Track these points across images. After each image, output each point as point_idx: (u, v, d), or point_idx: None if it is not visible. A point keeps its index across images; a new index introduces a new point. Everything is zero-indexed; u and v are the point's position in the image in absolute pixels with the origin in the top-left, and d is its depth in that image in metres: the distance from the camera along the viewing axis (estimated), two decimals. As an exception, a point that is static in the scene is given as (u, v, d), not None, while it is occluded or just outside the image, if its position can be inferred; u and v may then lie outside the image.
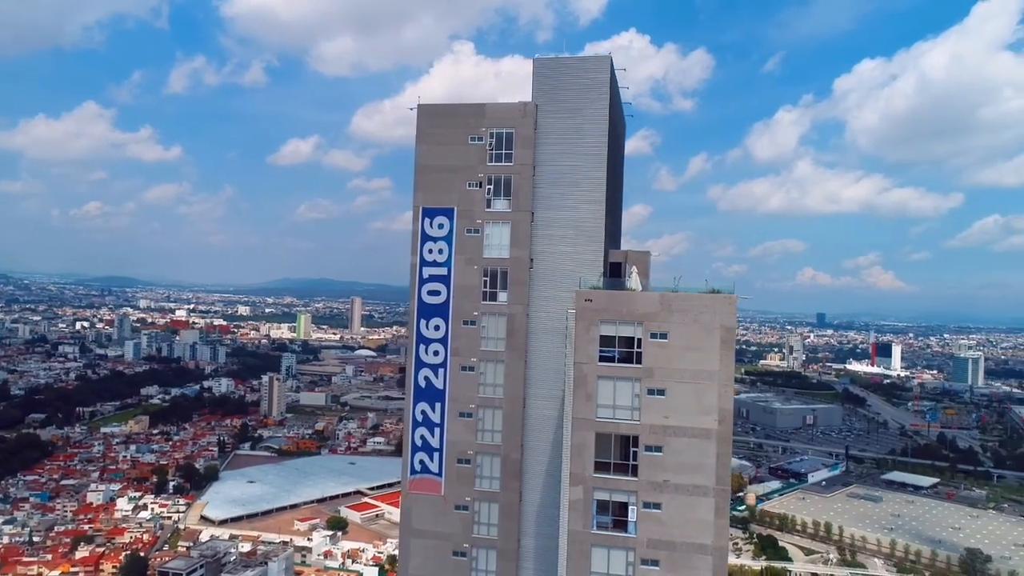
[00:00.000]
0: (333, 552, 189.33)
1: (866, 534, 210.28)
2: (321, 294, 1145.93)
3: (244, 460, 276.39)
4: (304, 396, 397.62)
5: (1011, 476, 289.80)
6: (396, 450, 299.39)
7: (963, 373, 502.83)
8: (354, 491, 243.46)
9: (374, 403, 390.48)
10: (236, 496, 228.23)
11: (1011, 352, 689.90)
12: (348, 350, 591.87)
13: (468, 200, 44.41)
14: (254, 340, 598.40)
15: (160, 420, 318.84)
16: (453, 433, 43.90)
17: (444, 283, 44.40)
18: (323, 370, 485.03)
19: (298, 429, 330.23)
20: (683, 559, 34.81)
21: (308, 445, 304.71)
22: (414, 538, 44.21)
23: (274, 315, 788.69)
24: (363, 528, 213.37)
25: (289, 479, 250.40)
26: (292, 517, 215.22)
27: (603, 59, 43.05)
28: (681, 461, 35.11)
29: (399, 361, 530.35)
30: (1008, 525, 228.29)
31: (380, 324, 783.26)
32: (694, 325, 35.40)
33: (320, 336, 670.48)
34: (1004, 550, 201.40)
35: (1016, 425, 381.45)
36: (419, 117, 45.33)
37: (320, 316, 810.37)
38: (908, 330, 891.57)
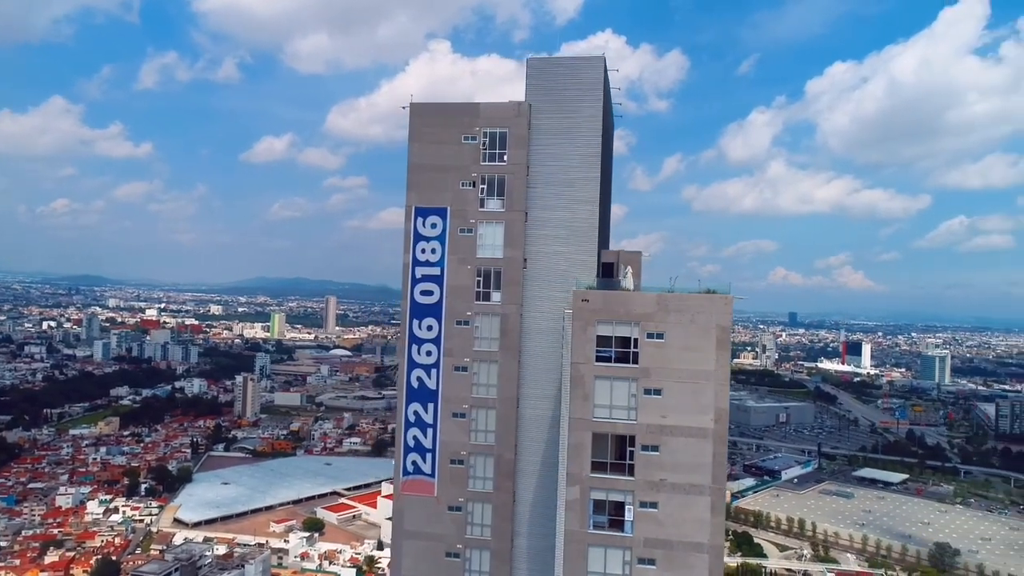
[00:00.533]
0: (310, 554, 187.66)
1: (839, 530, 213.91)
2: (295, 293, 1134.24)
3: (218, 461, 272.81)
4: (279, 396, 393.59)
5: (977, 472, 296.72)
6: (373, 450, 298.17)
7: (930, 371, 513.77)
8: (330, 492, 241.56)
9: (350, 403, 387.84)
10: (210, 498, 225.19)
11: (976, 351, 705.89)
12: (323, 350, 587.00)
13: (461, 200, 44.24)
14: (227, 340, 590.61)
15: (131, 421, 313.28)
16: (446, 434, 43.67)
17: (437, 283, 44.17)
18: (298, 370, 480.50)
19: (273, 430, 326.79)
20: (680, 558, 35.05)
21: (283, 446, 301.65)
22: (406, 539, 43.89)
23: (247, 314, 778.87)
24: (340, 529, 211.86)
25: (264, 480, 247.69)
26: (268, 519, 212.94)
27: (597, 59, 43.15)
28: (678, 460, 35.36)
29: (374, 361, 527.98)
30: (975, 520, 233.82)
31: (355, 323, 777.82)
32: (690, 325, 35.66)
33: (294, 336, 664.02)
34: (971, 544, 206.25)
35: (981, 422, 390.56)
36: (412, 116, 45.05)
37: (294, 315, 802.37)
38: (877, 329, 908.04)
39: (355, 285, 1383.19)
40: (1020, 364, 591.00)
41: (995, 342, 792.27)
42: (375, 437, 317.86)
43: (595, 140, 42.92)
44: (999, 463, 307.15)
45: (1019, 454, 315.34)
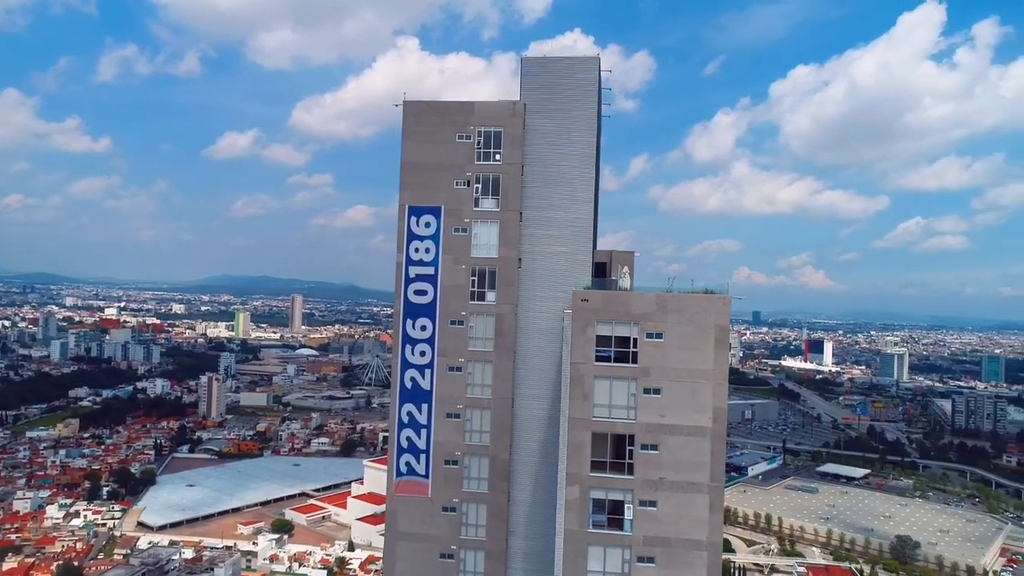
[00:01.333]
0: (279, 556, 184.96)
1: (804, 524, 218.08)
2: (260, 292, 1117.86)
3: (183, 463, 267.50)
4: (244, 396, 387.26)
5: (935, 466, 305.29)
6: (341, 451, 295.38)
7: (889, 368, 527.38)
8: (299, 493, 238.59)
9: (318, 403, 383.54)
10: (175, 501, 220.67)
11: (932, 348, 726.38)
12: (289, 349, 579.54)
13: (456, 199, 43.96)
14: (190, 339, 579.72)
15: (91, 423, 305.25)
16: (440, 434, 43.35)
17: (431, 282, 43.81)
18: (263, 370, 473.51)
19: (239, 430, 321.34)
20: (679, 555, 35.39)
21: (250, 447, 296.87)
22: (400, 541, 43.48)
23: (211, 313, 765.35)
24: (310, 530, 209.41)
25: (231, 482, 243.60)
26: (235, 521, 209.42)
27: (592, 60, 43.28)
28: (677, 459, 35.69)
29: (342, 360, 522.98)
30: (933, 513, 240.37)
31: (322, 322, 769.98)
32: (689, 325, 36.02)
33: (259, 335, 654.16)
34: (931, 536, 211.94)
35: (938, 417, 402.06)
36: (405, 114, 44.62)
37: (259, 314, 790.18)
38: (838, 327, 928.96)
39: (321, 284, 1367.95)
40: (973, 361, 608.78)
41: (949, 340, 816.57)
42: (344, 437, 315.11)
43: (590, 140, 43.08)
44: (955, 457, 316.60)
45: (974, 449, 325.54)
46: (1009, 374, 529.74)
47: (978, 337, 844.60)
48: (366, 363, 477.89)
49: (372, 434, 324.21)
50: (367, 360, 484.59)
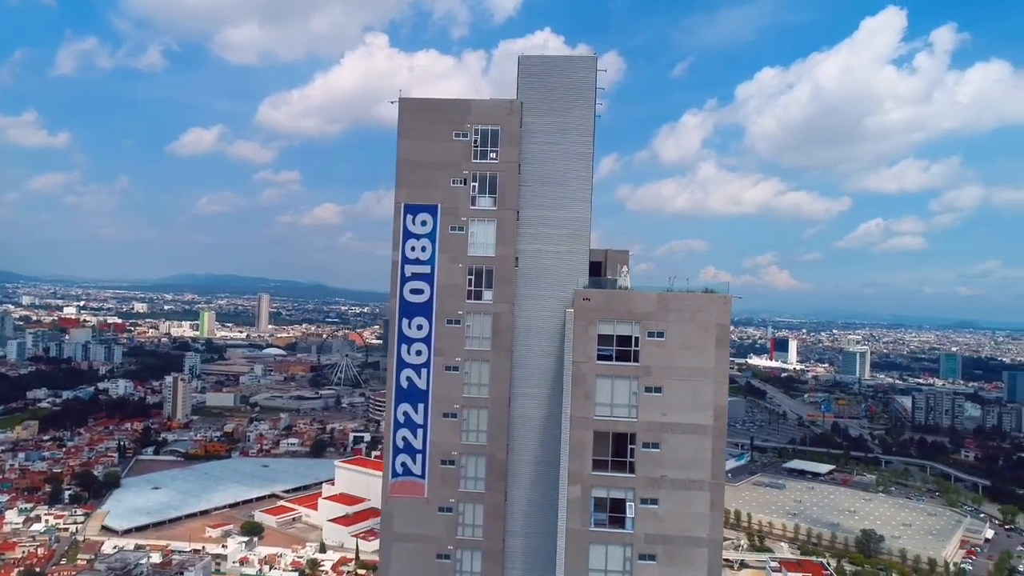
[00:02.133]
0: (250, 559, 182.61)
1: (772, 520, 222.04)
2: (225, 291, 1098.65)
3: (148, 465, 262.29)
4: (211, 397, 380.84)
5: (897, 461, 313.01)
6: (311, 451, 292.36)
7: (852, 366, 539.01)
8: (269, 495, 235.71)
9: (286, 403, 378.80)
10: (140, 504, 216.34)
11: (892, 347, 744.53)
12: (256, 349, 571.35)
13: (452, 197, 43.60)
14: (153, 339, 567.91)
15: (51, 425, 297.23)
16: (437, 434, 42.99)
17: (427, 281, 43.41)
18: (230, 370, 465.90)
19: (205, 431, 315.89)
20: (680, 553, 35.69)
21: (217, 448, 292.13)
22: (396, 542, 43.06)
23: (174, 312, 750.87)
24: (280, 532, 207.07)
25: (198, 484, 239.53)
26: (203, 524, 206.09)
27: (589, 60, 43.35)
28: (678, 457, 35.99)
29: (310, 360, 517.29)
30: (896, 507, 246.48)
31: (289, 321, 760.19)
32: (690, 324, 36.34)
33: (225, 334, 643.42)
34: (894, 530, 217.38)
35: (899, 414, 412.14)
36: (401, 111, 44.14)
37: (224, 313, 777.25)
38: (802, 326, 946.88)
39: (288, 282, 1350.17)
40: (932, 359, 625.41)
41: (908, 338, 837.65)
42: (313, 438, 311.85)
43: (588, 139, 43.08)
44: (916, 453, 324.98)
45: (933, 444, 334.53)
46: (966, 371, 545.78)
47: (936, 335, 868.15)
48: (335, 363, 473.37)
49: (342, 434, 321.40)
50: (336, 360, 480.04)
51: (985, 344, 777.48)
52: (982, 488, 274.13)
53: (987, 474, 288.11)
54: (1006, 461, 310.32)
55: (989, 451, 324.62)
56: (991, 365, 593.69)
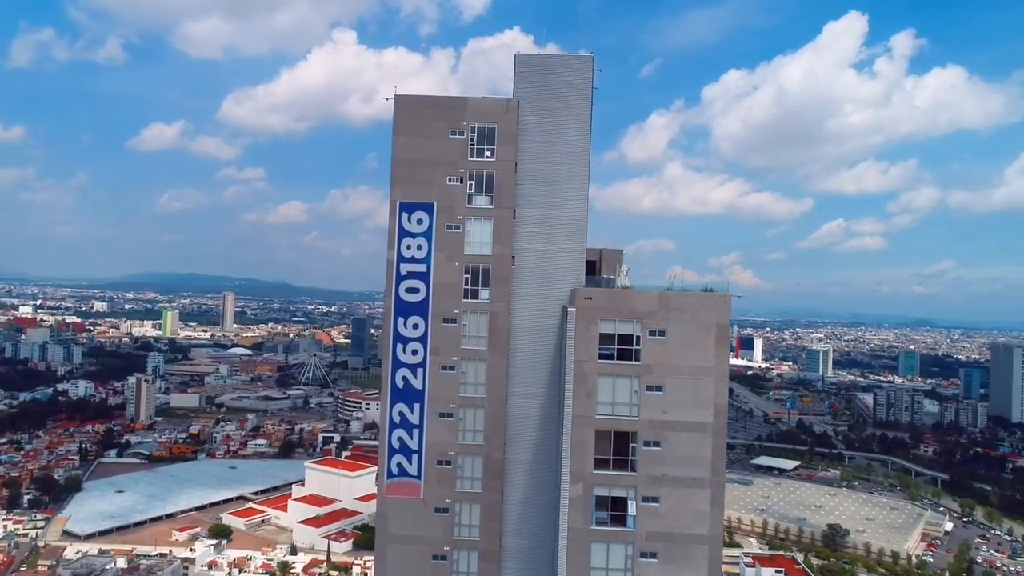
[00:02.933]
0: (218, 562, 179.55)
1: (741, 515, 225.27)
2: (187, 289, 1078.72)
3: (111, 468, 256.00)
4: (175, 398, 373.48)
5: (859, 457, 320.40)
6: (280, 452, 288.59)
7: (815, 364, 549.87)
8: (237, 496, 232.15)
9: (253, 403, 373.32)
10: (103, 508, 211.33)
11: (853, 345, 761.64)
12: (221, 348, 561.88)
13: (448, 195, 43.24)
14: (114, 338, 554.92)
15: (8, 427, 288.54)
16: (433, 434, 42.58)
17: (423, 280, 42.98)
18: (194, 370, 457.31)
19: (170, 433, 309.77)
20: (681, 550, 35.93)
21: (182, 450, 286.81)
22: (391, 544, 42.53)
23: (136, 311, 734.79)
24: (249, 535, 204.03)
25: (163, 487, 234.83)
26: (169, 527, 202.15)
27: (586, 59, 43.34)
28: (679, 455, 36.22)
29: (277, 359, 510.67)
30: (860, 502, 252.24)
31: (254, 321, 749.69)
32: (691, 323, 36.62)
33: (189, 334, 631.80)
34: (858, 524, 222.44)
35: (861, 410, 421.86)
36: (396, 108, 43.59)
37: (188, 313, 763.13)
38: (766, 325, 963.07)
39: (253, 281, 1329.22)
40: (891, 356, 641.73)
41: (868, 336, 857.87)
42: (282, 439, 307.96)
43: (584, 138, 43.08)
44: (878, 448, 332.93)
45: (894, 440, 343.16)
46: (924, 368, 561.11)
47: (894, 334, 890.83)
48: (302, 362, 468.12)
49: (311, 435, 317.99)
50: (303, 359, 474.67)
51: (941, 342, 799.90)
52: (941, 482, 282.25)
53: (946, 468, 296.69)
54: (963, 456, 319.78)
55: (947, 446, 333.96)
56: (947, 362, 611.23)
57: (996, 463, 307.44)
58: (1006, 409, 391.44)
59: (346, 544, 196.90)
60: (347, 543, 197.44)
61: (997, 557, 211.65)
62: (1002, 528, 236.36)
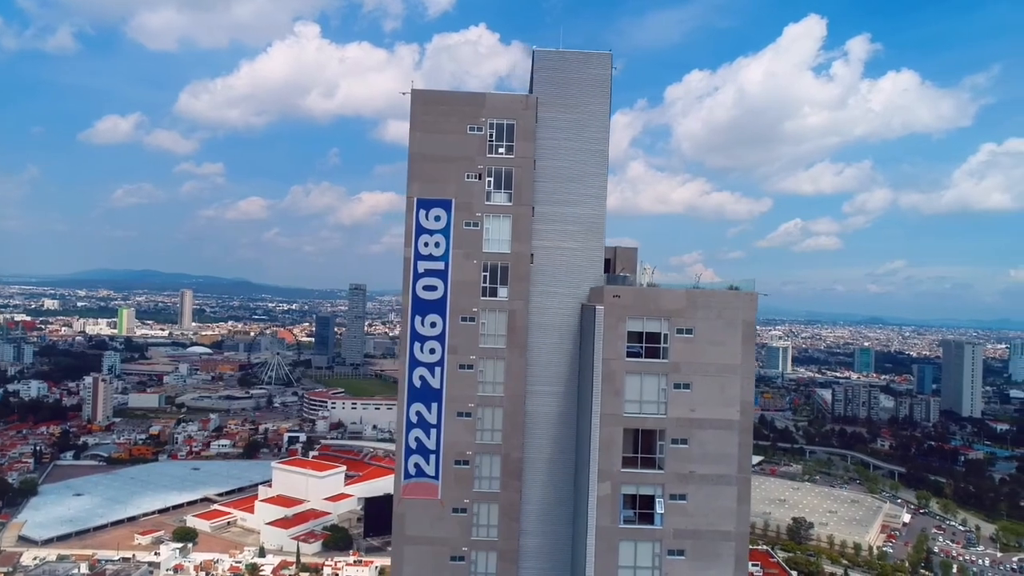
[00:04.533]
0: (184, 566, 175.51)
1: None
2: (143, 287, 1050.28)
3: (67, 471, 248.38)
4: (134, 398, 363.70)
5: (820, 451, 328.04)
6: (244, 453, 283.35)
7: (775, 361, 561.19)
8: (201, 498, 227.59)
9: (215, 403, 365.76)
10: (61, 512, 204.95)
11: (810, 342, 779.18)
12: (180, 347, 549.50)
13: (467, 192, 42.66)
14: (66, 337, 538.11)
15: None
16: (450, 434, 42.02)
17: (441, 278, 42.33)
18: (152, 369, 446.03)
19: (129, 434, 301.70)
20: (708, 547, 36.11)
21: (143, 451, 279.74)
22: (408, 546, 41.84)
23: (89, 309, 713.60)
24: (215, 537, 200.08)
25: (124, 490, 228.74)
26: (131, 531, 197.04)
27: (604, 56, 43.15)
28: (706, 452, 36.38)
29: (238, 358, 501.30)
30: (822, 495, 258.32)
31: (213, 319, 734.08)
32: (718, 320, 36.79)
33: (146, 332, 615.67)
34: (821, 517, 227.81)
35: (820, 406, 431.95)
36: (413, 103, 42.80)
37: (144, 310, 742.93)
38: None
39: (211, 278, 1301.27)
40: (847, 353, 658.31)
41: (824, 334, 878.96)
42: (246, 439, 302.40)
43: (604, 136, 42.95)
44: (837, 443, 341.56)
45: (853, 434, 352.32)
46: (878, 365, 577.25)
47: (849, 331, 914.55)
48: (265, 361, 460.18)
49: (276, 435, 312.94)
50: (266, 358, 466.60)
51: (894, 339, 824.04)
52: (898, 475, 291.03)
53: (902, 462, 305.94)
54: (918, 449, 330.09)
55: (903, 440, 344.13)
56: (900, 359, 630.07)
57: (949, 456, 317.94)
58: (957, 404, 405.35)
59: (315, 545, 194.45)
60: (316, 544, 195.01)
61: (953, 547, 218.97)
62: (956, 519, 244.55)
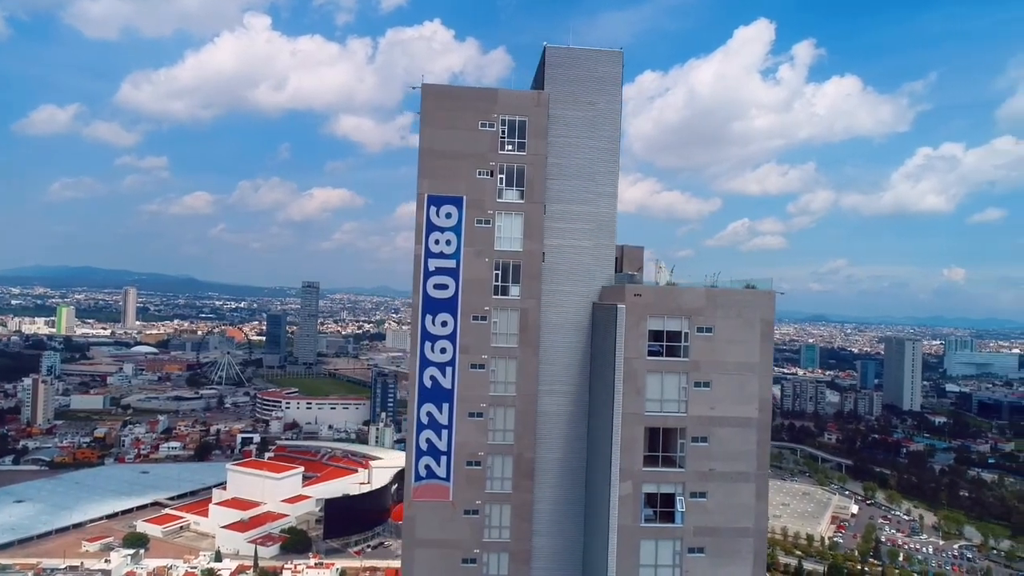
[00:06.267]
0: (137, 572, 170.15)
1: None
2: (83, 284, 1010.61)
3: (7, 477, 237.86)
4: (76, 400, 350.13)
5: (770, 445, 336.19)
6: (195, 455, 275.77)
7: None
8: (151, 503, 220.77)
9: (163, 404, 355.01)
10: (1, 520, 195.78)
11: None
12: (123, 347, 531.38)
13: (478, 189, 41.95)
14: (1, 337, 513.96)
15: None
16: (462, 435, 41.25)
17: (452, 276, 41.52)
18: (95, 369, 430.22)
19: (73, 437, 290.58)
20: (727, 544, 36.41)
21: (87, 455, 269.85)
22: (419, 549, 40.97)
23: (24, 308, 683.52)
24: (167, 542, 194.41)
25: (69, 495, 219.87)
26: (78, 538, 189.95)
27: (616, 54, 43.04)
28: (725, 450, 36.67)
29: (185, 358, 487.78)
30: (774, 489, 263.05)
31: (158, 317, 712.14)
32: (737, 319, 37.10)
33: (87, 332, 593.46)
34: (775, 510, 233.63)
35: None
36: (424, 98, 41.88)
37: (84, 309, 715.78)
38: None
39: (155, 276, 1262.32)
40: (792, 350, 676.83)
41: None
42: (197, 440, 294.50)
43: (615, 134, 42.87)
44: (787, 436, 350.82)
45: (801, 428, 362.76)
46: (822, 361, 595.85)
47: (794, 328, 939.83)
48: (214, 360, 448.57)
49: (229, 436, 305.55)
50: (215, 357, 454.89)
51: (836, 336, 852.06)
52: (845, 467, 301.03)
53: (848, 455, 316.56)
54: (863, 442, 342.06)
55: (848, 433, 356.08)
56: (842, 355, 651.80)
57: (892, 448, 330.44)
58: (898, 398, 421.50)
59: (273, 548, 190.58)
60: (274, 547, 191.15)
61: (898, 536, 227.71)
62: (901, 509, 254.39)
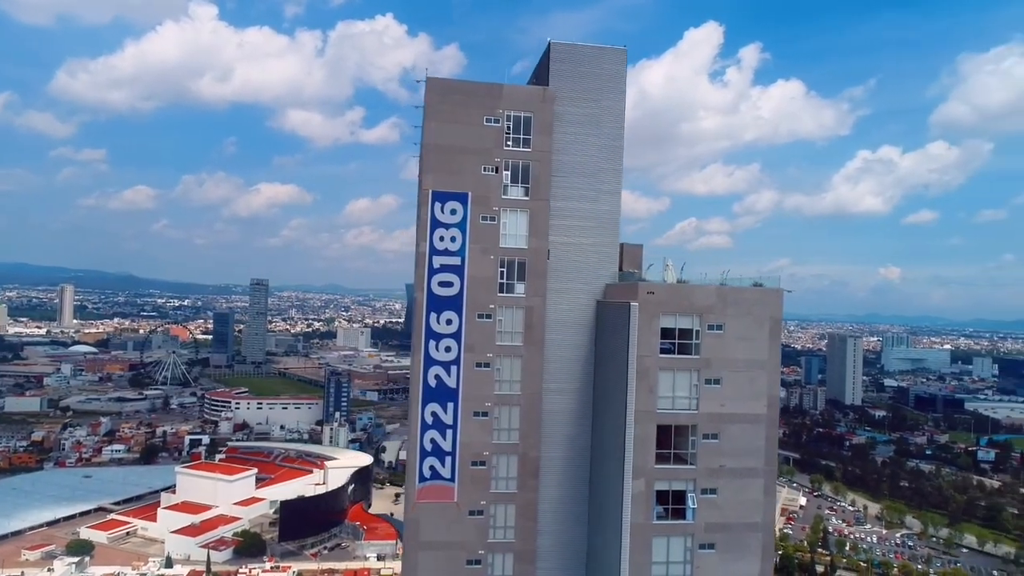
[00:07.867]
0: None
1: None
2: (15, 281, 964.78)
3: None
4: (10, 402, 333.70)
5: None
6: (141, 458, 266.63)
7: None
8: (95, 508, 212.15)
9: (105, 406, 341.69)
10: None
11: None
12: (60, 346, 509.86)
13: (483, 185, 41.24)
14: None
15: None
16: (467, 435, 40.53)
17: (457, 273, 40.75)
18: (30, 370, 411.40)
19: (8, 441, 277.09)
20: (737, 539, 36.82)
21: (25, 460, 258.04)
22: (423, 551, 40.10)
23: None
24: (113, 549, 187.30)
25: (6, 502, 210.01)
26: (17, 546, 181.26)
27: (620, 52, 42.94)
28: (735, 446, 37.07)
29: (127, 357, 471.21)
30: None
31: (97, 316, 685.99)
32: (747, 317, 37.51)
33: (20, 330, 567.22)
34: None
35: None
36: (428, 92, 40.94)
37: (17, 307, 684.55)
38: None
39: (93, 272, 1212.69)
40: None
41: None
42: (142, 443, 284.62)
43: (619, 132, 42.79)
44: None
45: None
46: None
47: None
48: (159, 360, 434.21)
49: (176, 438, 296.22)
50: (160, 356, 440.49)
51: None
52: (793, 461, 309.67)
53: (795, 448, 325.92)
54: (809, 436, 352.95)
55: (795, 427, 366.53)
56: (787, 352, 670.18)
57: (836, 441, 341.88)
58: (840, 392, 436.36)
59: (226, 552, 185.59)
60: (227, 551, 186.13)
61: (844, 526, 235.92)
62: (846, 499, 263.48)
